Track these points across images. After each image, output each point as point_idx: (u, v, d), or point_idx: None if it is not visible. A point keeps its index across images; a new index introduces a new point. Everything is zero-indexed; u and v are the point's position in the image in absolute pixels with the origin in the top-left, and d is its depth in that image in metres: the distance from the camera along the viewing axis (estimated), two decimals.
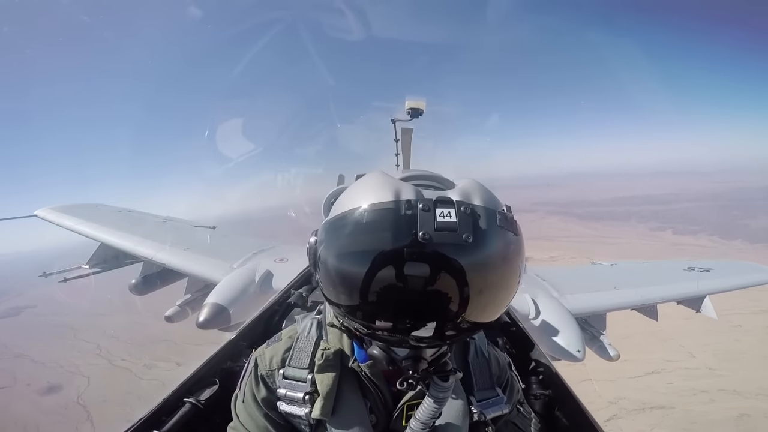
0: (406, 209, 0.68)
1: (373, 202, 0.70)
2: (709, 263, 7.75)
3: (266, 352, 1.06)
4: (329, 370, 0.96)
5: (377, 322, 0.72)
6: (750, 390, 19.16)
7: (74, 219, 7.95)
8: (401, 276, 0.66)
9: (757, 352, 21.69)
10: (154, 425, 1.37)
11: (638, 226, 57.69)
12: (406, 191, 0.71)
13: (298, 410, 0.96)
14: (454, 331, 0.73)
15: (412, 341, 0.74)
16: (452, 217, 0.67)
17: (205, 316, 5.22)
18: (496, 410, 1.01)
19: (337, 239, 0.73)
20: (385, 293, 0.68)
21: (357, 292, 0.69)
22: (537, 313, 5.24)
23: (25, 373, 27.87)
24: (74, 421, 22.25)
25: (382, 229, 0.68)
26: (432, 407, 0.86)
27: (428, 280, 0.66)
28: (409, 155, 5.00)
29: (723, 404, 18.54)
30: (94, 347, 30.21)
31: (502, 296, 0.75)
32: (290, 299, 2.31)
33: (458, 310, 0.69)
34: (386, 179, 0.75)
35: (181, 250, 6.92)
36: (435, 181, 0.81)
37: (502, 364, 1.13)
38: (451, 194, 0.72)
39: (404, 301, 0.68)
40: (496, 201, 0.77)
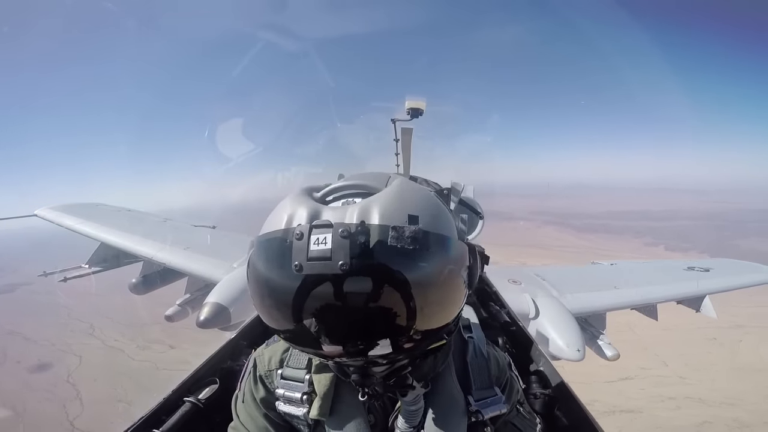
0: (290, 238, 0.65)
1: (270, 229, 0.72)
2: (709, 263, 7.75)
3: (265, 353, 1.06)
4: (326, 370, 0.96)
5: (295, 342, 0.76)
6: (715, 399, 20.35)
7: (74, 218, 7.97)
8: (285, 309, 0.66)
9: (726, 364, 22.91)
10: (154, 424, 1.37)
11: (632, 240, 59.29)
12: (300, 215, 0.68)
13: (296, 410, 0.96)
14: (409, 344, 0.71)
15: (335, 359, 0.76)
16: (327, 243, 0.62)
17: (206, 315, 5.22)
18: (494, 410, 1.00)
19: (247, 263, 0.77)
20: (282, 322, 0.69)
21: (265, 316, 0.74)
22: (537, 313, 5.25)
23: (16, 350, 27.78)
24: (62, 399, 22.15)
25: (268, 259, 0.70)
26: (404, 424, 0.90)
27: (301, 315, 0.65)
28: (409, 155, 5.00)
29: (688, 411, 19.68)
30: (87, 327, 30.11)
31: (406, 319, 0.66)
32: None
33: (359, 335, 0.67)
34: (290, 202, 0.73)
35: (181, 250, 6.93)
36: (364, 189, 0.77)
37: (502, 364, 1.13)
38: (348, 211, 0.67)
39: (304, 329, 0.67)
40: (399, 212, 0.67)
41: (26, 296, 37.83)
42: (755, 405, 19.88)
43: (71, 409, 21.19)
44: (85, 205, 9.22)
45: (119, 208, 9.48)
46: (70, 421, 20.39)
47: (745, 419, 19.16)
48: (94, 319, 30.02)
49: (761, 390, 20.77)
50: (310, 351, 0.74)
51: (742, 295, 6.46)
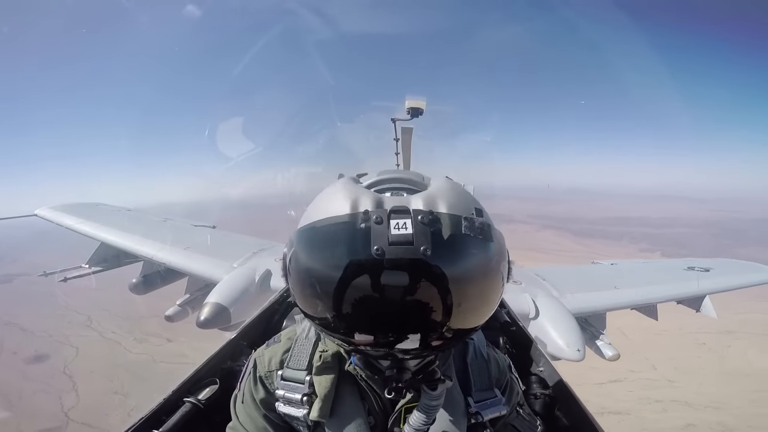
0: (362, 222, 0.64)
1: (331, 215, 0.68)
2: (709, 263, 7.73)
3: (265, 353, 1.06)
4: (327, 372, 0.96)
5: (356, 335, 0.70)
6: (700, 402, 20.81)
7: (74, 218, 7.97)
8: (354, 292, 0.63)
9: (714, 368, 23.34)
10: (154, 425, 1.37)
11: (629, 246, 60.07)
12: (365, 201, 0.67)
13: (296, 411, 0.96)
14: (439, 341, 0.71)
15: (386, 352, 0.72)
16: (408, 228, 0.63)
17: (206, 315, 5.23)
18: (494, 411, 1.00)
19: (300, 251, 0.71)
20: (348, 308, 0.65)
21: (319, 305, 0.68)
22: (537, 313, 5.25)
23: (13, 340, 27.61)
24: (59, 390, 22.06)
25: (336, 244, 0.65)
26: (422, 417, 0.86)
27: (387, 299, 0.63)
28: (409, 155, 5.00)
29: (674, 414, 20.11)
30: (85, 319, 29.99)
31: (476, 305, 0.71)
32: (290, 299, 2.30)
33: (425, 323, 0.66)
34: (346, 189, 0.71)
35: (181, 250, 6.92)
36: (407, 183, 0.78)
37: (502, 366, 1.13)
38: (414, 200, 0.68)
39: (367, 316, 0.66)
40: (465, 204, 0.71)
41: (24, 287, 36.92)
42: (740, 409, 20.24)
43: (67, 401, 21.13)
44: (85, 205, 9.22)
45: (119, 208, 9.48)
46: (65, 412, 20.36)
47: (729, 423, 19.52)
48: (92, 311, 29.90)
49: (747, 394, 21.14)
50: (365, 340, 0.69)
51: (733, 301, 6.55)
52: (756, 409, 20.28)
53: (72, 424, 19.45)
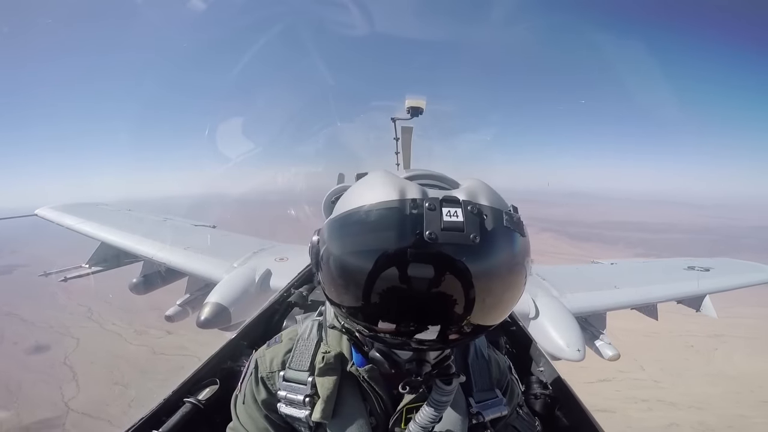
0: (411, 208, 0.66)
1: (378, 200, 0.68)
2: (709, 262, 7.74)
3: (266, 354, 1.06)
4: (330, 373, 0.96)
5: (380, 323, 0.70)
6: (684, 402, 21.57)
7: (75, 218, 7.98)
8: (406, 277, 0.64)
9: (700, 370, 24.13)
10: (154, 425, 1.36)
11: (624, 250, 61.01)
12: (411, 190, 0.69)
13: (298, 412, 0.96)
14: (458, 335, 0.72)
15: (414, 344, 0.72)
16: (459, 216, 0.65)
17: (206, 315, 5.23)
18: (495, 412, 1.01)
19: (341, 238, 0.71)
20: (389, 294, 0.66)
21: (360, 292, 0.67)
22: (537, 313, 5.24)
23: (14, 331, 27.58)
24: (59, 380, 22.05)
25: (386, 228, 0.65)
26: (431, 413, 0.85)
27: (434, 282, 0.64)
28: (409, 154, 5.00)
29: (658, 413, 20.83)
30: (86, 310, 29.99)
31: (507, 298, 0.74)
32: (291, 298, 2.30)
33: (463, 312, 0.67)
34: (391, 178, 0.73)
35: (181, 249, 6.93)
36: (439, 180, 0.80)
37: (503, 367, 1.13)
38: (457, 193, 0.70)
39: (408, 303, 0.66)
40: (502, 201, 0.76)
41: (24, 278, 36.32)
42: (722, 410, 20.96)
43: (67, 391, 21.17)
44: (85, 205, 9.23)
45: (119, 208, 9.49)
46: (65, 402, 20.38)
47: (710, 423, 20.25)
48: (93, 303, 29.93)
49: (729, 396, 21.91)
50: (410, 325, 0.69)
51: (723, 305, 6.67)
52: (737, 410, 21.05)
53: (72, 414, 19.48)
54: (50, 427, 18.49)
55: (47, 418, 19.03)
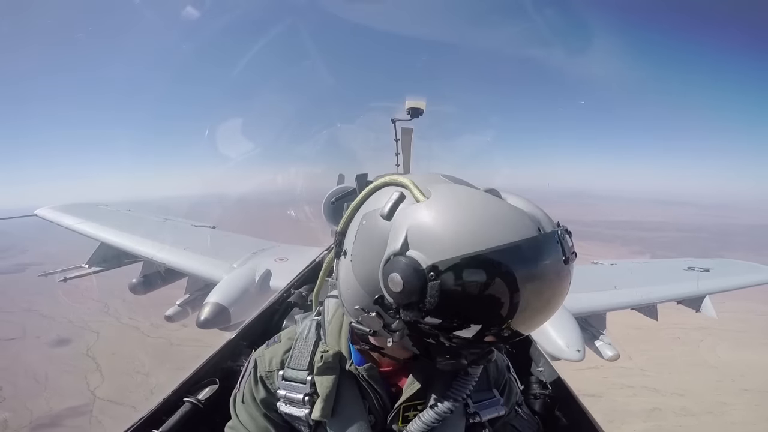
0: (559, 236, 0.76)
1: (526, 236, 0.71)
2: (709, 263, 7.74)
3: (266, 353, 1.06)
4: (329, 372, 0.96)
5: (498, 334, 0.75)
6: (667, 389, 23.04)
7: (74, 218, 7.98)
8: (542, 295, 0.72)
9: (684, 360, 25.74)
10: (153, 424, 1.37)
11: (620, 248, 62.36)
12: (543, 222, 0.77)
13: (297, 411, 0.96)
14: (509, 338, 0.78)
15: None
16: (569, 241, 0.78)
17: (206, 315, 5.23)
18: (492, 412, 1.01)
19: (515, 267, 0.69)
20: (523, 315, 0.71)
21: (501, 309, 0.69)
22: None
23: (35, 325, 28.56)
24: (83, 371, 23.16)
25: (548, 256, 0.72)
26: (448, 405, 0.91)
27: (551, 298, 0.73)
28: (409, 155, 4.99)
29: (642, 398, 22.24)
30: (102, 306, 30.74)
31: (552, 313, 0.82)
32: (290, 299, 2.31)
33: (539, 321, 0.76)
34: (513, 209, 0.77)
35: (181, 250, 6.93)
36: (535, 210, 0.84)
37: (500, 366, 1.13)
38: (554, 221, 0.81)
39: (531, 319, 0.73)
40: None
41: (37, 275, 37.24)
42: (702, 396, 22.46)
43: (92, 380, 22.29)
44: (85, 205, 9.24)
45: (119, 208, 9.49)
46: (91, 390, 21.40)
47: (691, 408, 21.74)
48: (108, 299, 30.42)
49: (710, 384, 23.49)
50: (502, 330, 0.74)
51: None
52: (716, 397, 22.54)
53: (98, 402, 20.53)
54: (79, 414, 19.51)
55: (76, 406, 20.05)
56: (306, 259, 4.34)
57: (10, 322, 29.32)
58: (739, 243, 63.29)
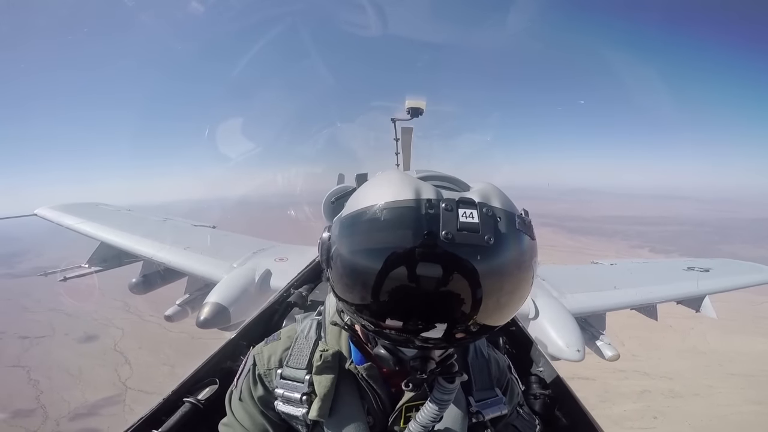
0: (427, 208, 0.66)
1: (394, 199, 0.68)
2: (709, 263, 7.74)
3: (264, 351, 1.06)
4: (327, 371, 0.96)
5: (388, 320, 0.70)
6: (657, 373, 24.56)
7: (74, 218, 7.97)
8: (418, 275, 0.64)
9: (674, 346, 27.30)
10: (153, 425, 1.36)
11: (620, 242, 62.99)
12: (427, 190, 0.70)
13: (295, 411, 0.96)
14: (464, 334, 0.72)
15: (419, 342, 0.73)
16: (474, 218, 0.66)
17: (205, 315, 5.23)
18: (495, 411, 1.01)
19: (354, 235, 0.71)
20: (400, 292, 0.66)
21: (371, 289, 0.67)
22: (537, 313, 5.25)
23: (62, 324, 30.42)
24: (113, 363, 25.12)
25: (402, 227, 0.66)
26: (433, 410, 0.85)
27: (444, 281, 0.64)
28: (410, 155, 4.99)
29: (633, 381, 23.71)
30: (122, 305, 32.30)
31: (515, 299, 0.74)
32: (290, 298, 2.31)
33: (471, 312, 0.68)
34: (406, 177, 0.73)
35: (181, 249, 6.92)
36: (451, 182, 0.80)
37: (502, 366, 1.13)
38: (471, 195, 0.71)
39: (418, 301, 0.66)
40: (514, 205, 0.76)
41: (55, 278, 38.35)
42: (689, 380, 24.03)
43: (122, 372, 24.20)
44: (85, 205, 9.22)
45: (119, 208, 9.48)
46: (122, 381, 23.28)
47: (678, 390, 23.27)
48: (127, 298, 31.65)
49: (697, 368, 25.11)
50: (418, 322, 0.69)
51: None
52: (704, 380, 24.02)
53: (130, 392, 22.13)
54: (113, 404, 21.19)
55: (109, 396, 21.91)
56: (306, 258, 4.33)
57: (38, 321, 31.47)
58: (740, 236, 64.06)
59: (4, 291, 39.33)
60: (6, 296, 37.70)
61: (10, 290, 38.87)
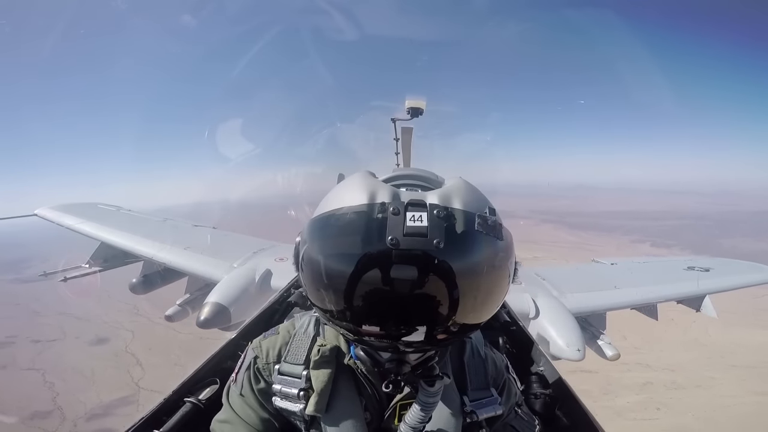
0: (378, 212, 0.66)
1: (351, 203, 0.69)
2: (709, 262, 7.74)
3: (263, 345, 1.05)
4: (324, 366, 0.95)
5: (346, 324, 0.72)
6: (659, 365, 24.82)
7: (75, 218, 7.96)
8: (366, 280, 0.65)
9: (676, 339, 27.61)
10: (154, 425, 1.36)
11: (621, 237, 63.01)
12: (382, 193, 0.69)
13: (292, 406, 0.95)
14: (433, 337, 0.71)
15: (385, 344, 0.74)
16: (423, 221, 0.65)
17: (206, 315, 5.22)
18: (490, 411, 1.00)
19: (315, 240, 0.73)
20: (352, 297, 0.67)
21: (329, 294, 0.70)
22: (537, 313, 5.24)
23: (72, 327, 31.10)
24: (125, 365, 25.78)
25: (353, 232, 0.66)
26: (419, 413, 0.85)
27: (394, 286, 0.64)
28: (410, 154, 5.00)
29: (635, 374, 23.86)
30: (131, 308, 32.69)
31: (482, 300, 0.73)
32: (290, 298, 2.31)
33: (432, 316, 0.68)
34: (364, 181, 0.73)
35: (181, 250, 6.92)
36: (422, 180, 0.79)
37: (499, 365, 1.13)
38: (430, 196, 0.70)
39: (371, 307, 0.67)
40: (479, 203, 0.74)
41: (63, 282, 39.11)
42: (692, 372, 24.26)
43: (134, 373, 24.84)
44: (85, 205, 9.22)
45: (119, 208, 9.47)
46: (135, 382, 23.88)
47: (680, 382, 23.45)
48: (136, 301, 31.78)
49: (700, 361, 25.34)
50: (372, 331, 0.70)
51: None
52: (706, 372, 24.23)
53: (143, 392, 22.67)
54: (127, 404, 21.69)
55: (123, 396, 22.43)
56: None
57: (49, 325, 32.02)
58: (740, 230, 64.13)
59: (13, 296, 40.22)
60: (15, 301, 38.55)
61: (20, 295, 39.74)
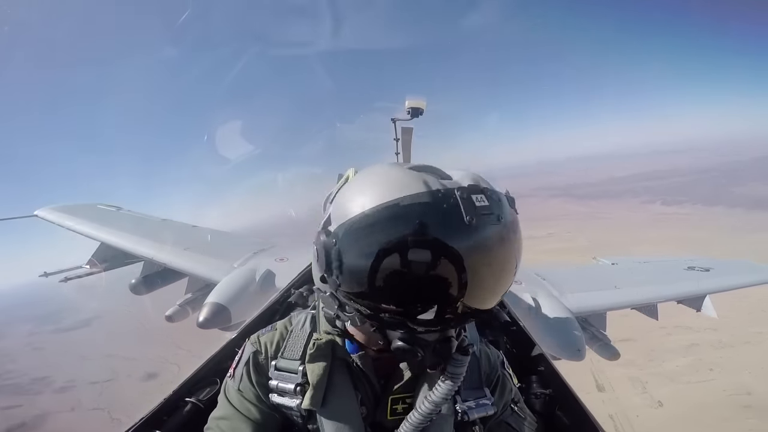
0: (449, 197, 0.72)
1: (409, 193, 0.72)
2: (710, 262, 7.75)
3: (261, 340, 1.06)
4: (320, 359, 0.95)
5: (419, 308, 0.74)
6: (700, 326, 23.70)
7: (75, 219, 7.96)
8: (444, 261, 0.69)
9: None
10: (155, 425, 1.37)
11: (631, 200, 62.65)
12: (433, 181, 0.75)
13: (289, 401, 0.96)
14: (465, 315, 0.78)
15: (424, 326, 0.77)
16: (485, 201, 0.73)
17: (206, 315, 5.23)
18: (481, 411, 1.00)
19: (377, 233, 0.71)
20: (430, 280, 0.70)
21: (406, 284, 0.71)
22: (537, 312, 5.25)
23: (121, 367, 32.23)
24: None
25: (426, 217, 0.69)
26: (449, 385, 0.85)
27: (496, 258, 0.73)
28: (409, 154, 5.00)
29: (678, 336, 23.29)
30: (171, 342, 33.46)
31: (516, 270, 0.81)
32: (291, 298, 2.31)
33: (508, 282, 0.79)
34: (408, 172, 0.77)
35: (181, 250, 6.93)
36: (434, 172, 0.81)
37: (494, 361, 1.12)
38: (469, 181, 0.78)
39: (446, 287, 0.71)
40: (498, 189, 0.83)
41: (101, 327, 43.39)
42: (736, 329, 23.23)
43: None
44: (85, 206, 9.23)
45: (119, 208, 9.48)
46: None
47: (726, 340, 22.68)
48: (174, 336, 32.95)
49: (741, 316, 24.07)
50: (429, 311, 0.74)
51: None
52: (750, 328, 23.34)
53: None
54: None
55: None
56: (306, 258, 4.32)
57: (99, 367, 33.16)
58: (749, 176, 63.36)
59: (59, 345, 41.88)
60: (62, 350, 40.00)
61: (64, 344, 41.38)
